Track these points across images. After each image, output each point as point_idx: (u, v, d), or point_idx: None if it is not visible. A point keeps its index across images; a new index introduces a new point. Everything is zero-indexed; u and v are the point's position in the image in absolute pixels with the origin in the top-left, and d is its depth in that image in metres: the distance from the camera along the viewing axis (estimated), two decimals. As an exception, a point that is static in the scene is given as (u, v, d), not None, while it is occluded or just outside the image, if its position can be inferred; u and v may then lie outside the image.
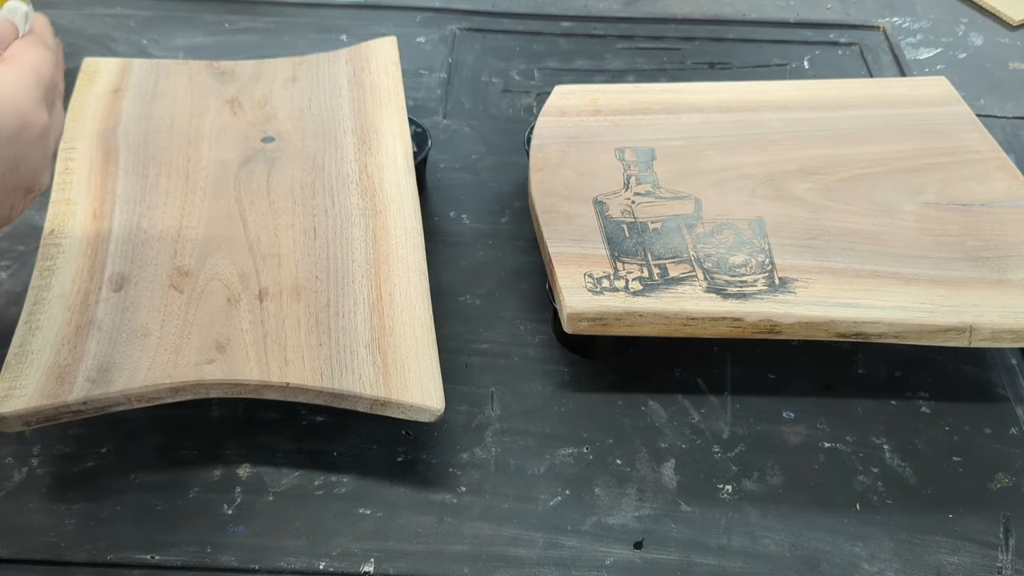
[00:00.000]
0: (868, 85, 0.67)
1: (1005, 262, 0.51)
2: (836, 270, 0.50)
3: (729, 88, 0.64)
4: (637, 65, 0.77)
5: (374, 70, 0.63)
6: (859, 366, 0.54)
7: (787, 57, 0.79)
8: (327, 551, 0.44)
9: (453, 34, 0.79)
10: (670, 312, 0.48)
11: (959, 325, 0.47)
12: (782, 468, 0.49)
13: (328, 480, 0.47)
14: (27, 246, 0.58)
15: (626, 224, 0.53)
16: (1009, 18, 0.84)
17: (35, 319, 0.47)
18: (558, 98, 0.63)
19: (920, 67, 0.79)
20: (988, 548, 0.46)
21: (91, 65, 0.63)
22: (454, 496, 0.47)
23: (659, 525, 0.46)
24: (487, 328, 0.55)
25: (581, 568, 0.44)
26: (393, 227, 0.52)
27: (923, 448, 0.50)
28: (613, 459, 0.49)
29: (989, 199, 0.55)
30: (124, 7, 0.80)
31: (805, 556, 0.45)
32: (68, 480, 0.47)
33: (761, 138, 0.60)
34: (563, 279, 0.49)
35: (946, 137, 0.60)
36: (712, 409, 0.52)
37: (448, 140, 0.68)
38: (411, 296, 0.49)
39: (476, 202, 0.64)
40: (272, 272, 0.50)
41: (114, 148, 0.57)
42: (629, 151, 0.58)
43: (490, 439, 0.50)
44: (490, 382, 0.52)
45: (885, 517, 0.47)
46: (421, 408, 0.44)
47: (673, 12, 0.83)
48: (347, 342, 0.46)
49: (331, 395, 0.44)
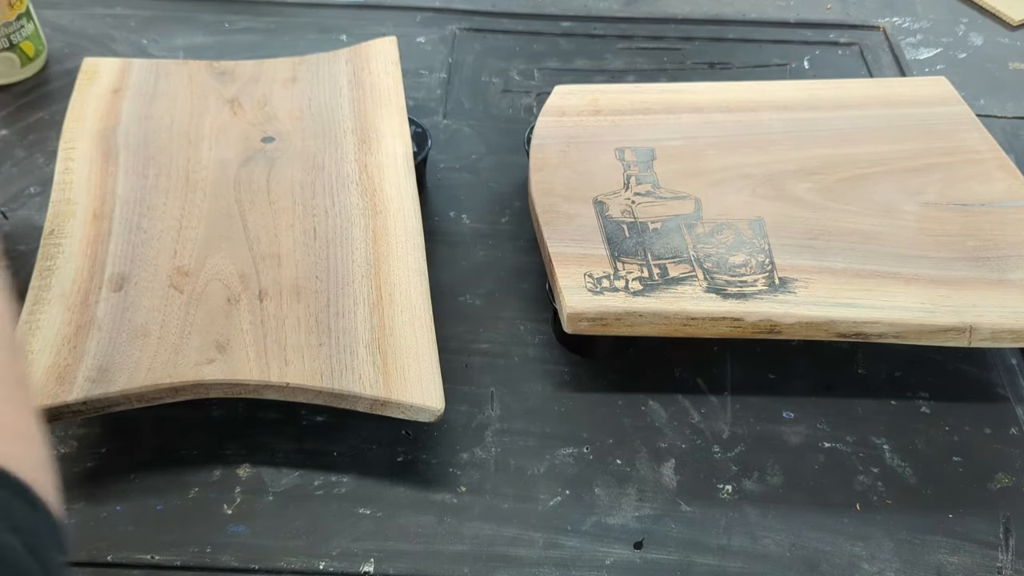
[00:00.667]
0: (868, 85, 0.67)
1: (1005, 262, 0.51)
2: (836, 270, 0.50)
3: (729, 88, 0.64)
4: (637, 65, 0.77)
5: (374, 70, 0.63)
6: (859, 366, 0.54)
7: (787, 57, 0.79)
8: (327, 551, 0.44)
9: (453, 34, 0.79)
10: (670, 312, 0.48)
11: (959, 325, 0.47)
12: (782, 468, 0.49)
13: (328, 480, 0.47)
14: (27, 246, 0.58)
15: (626, 224, 0.53)
16: (1009, 18, 0.84)
17: (35, 319, 0.47)
18: (558, 98, 0.63)
19: (920, 67, 0.79)
20: (988, 548, 0.46)
21: (91, 65, 0.63)
22: (454, 496, 0.47)
23: (659, 525, 0.46)
24: (487, 328, 0.55)
25: (581, 568, 0.44)
26: (393, 227, 0.52)
27: (923, 448, 0.50)
28: (613, 459, 0.49)
29: (989, 199, 0.55)
30: (124, 7, 0.80)
31: (805, 556, 0.45)
32: (68, 480, 0.47)
33: (761, 138, 0.60)
34: (563, 279, 0.49)
35: (946, 137, 0.60)
36: (712, 409, 0.52)
37: (448, 140, 0.68)
38: (411, 296, 0.49)
39: (476, 202, 0.64)
40: (272, 272, 0.50)
41: (114, 148, 0.57)
42: (629, 151, 0.58)
43: (490, 439, 0.50)
44: (490, 382, 0.52)
45: (885, 517, 0.47)
46: (421, 408, 0.44)
47: (673, 12, 0.83)
48: (347, 342, 0.46)
49: (331, 395, 0.44)
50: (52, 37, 0.75)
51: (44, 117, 0.68)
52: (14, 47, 0.69)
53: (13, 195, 0.62)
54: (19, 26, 0.69)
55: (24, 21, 0.69)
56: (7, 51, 0.69)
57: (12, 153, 0.65)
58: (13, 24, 0.68)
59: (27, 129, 0.67)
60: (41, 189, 0.62)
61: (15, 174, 0.63)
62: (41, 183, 0.62)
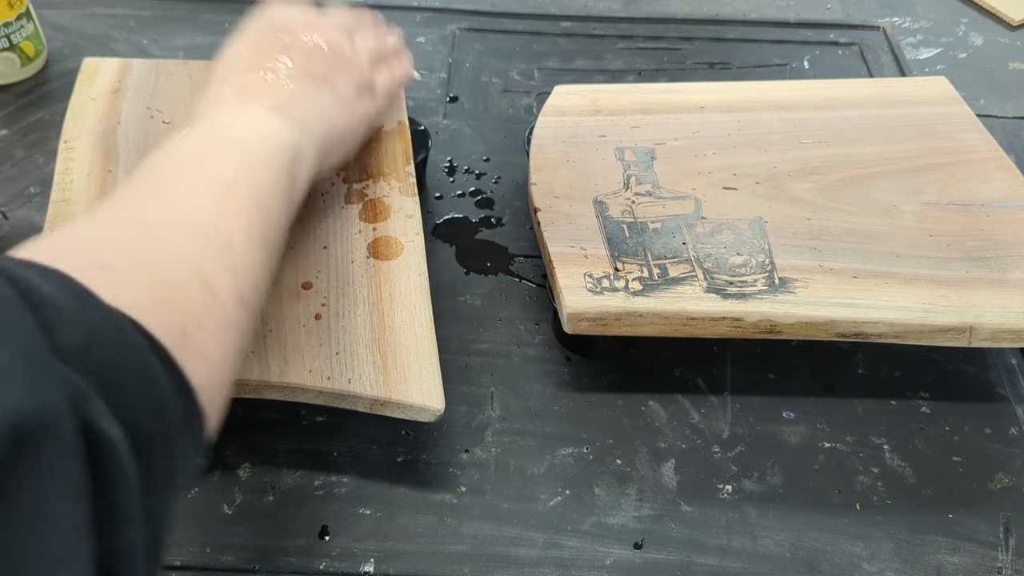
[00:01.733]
0: (868, 85, 0.67)
1: (1005, 262, 0.51)
2: (836, 270, 0.50)
3: (729, 88, 0.64)
4: (637, 65, 0.77)
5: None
6: (859, 366, 0.54)
7: (787, 57, 0.79)
8: (327, 551, 0.44)
9: (453, 34, 0.79)
10: (670, 312, 0.48)
11: (959, 325, 0.47)
12: (782, 468, 0.49)
13: (328, 480, 0.47)
14: (27, 246, 0.58)
15: (626, 224, 0.53)
16: (1009, 18, 0.84)
17: (35, 319, 0.47)
18: (558, 98, 0.63)
19: (920, 67, 0.79)
20: (988, 548, 0.46)
21: (91, 65, 0.63)
22: (454, 496, 0.47)
23: (659, 525, 0.46)
24: (487, 328, 0.55)
25: (581, 568, 0.44)
26: (393, 227, 0.52)
27: (923, 448, 0.50)
28: (613, 459, 0.49)
29: (989, 199, 0.55)
30: (124, 7, 0.80)
31: (805, 556, 0.45)
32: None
33: (761, 138, 0.60)
34: (563, 279, 0.49)
35: (946, 137, 0.60)
36: (712, 409, 0.52)
37: (448, 140, 0.68)
38: (411, 296, 0.49)
39: (476, 202, 0.64)
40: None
41: (114, 148, 0.57)
42: (629, 151, 0.58)
43: (490, 439, 0.50)
44: (490, 382, 0.52)
45: (885, 517, 0.47)
46: (421, 408, 0.44)
47: (673, 12, 0.83)
48: (347, 342, 0.46)
49: (331, 395, 0.44)
50: (52, 37, 0.75)
51: (44, 117, 0.68)
52: (14, 47, 0.69)
53: (13, 195, 0.62)
54: (19, 26, 0.69)
55: (24, 21, 0.69)
56: (7, 51, 0.69)
57: (12, 153, 0.65)
58: (13, 24, 0.68)
59: (27, 129, 0.67)
60: (41, 189, 0.62)
61: (15, 174, 0.63)
62: (41, 183, 0.62)
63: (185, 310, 0.32)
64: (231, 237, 0.36)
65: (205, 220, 0.36)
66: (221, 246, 0.36)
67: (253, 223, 0.38)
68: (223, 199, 0.38)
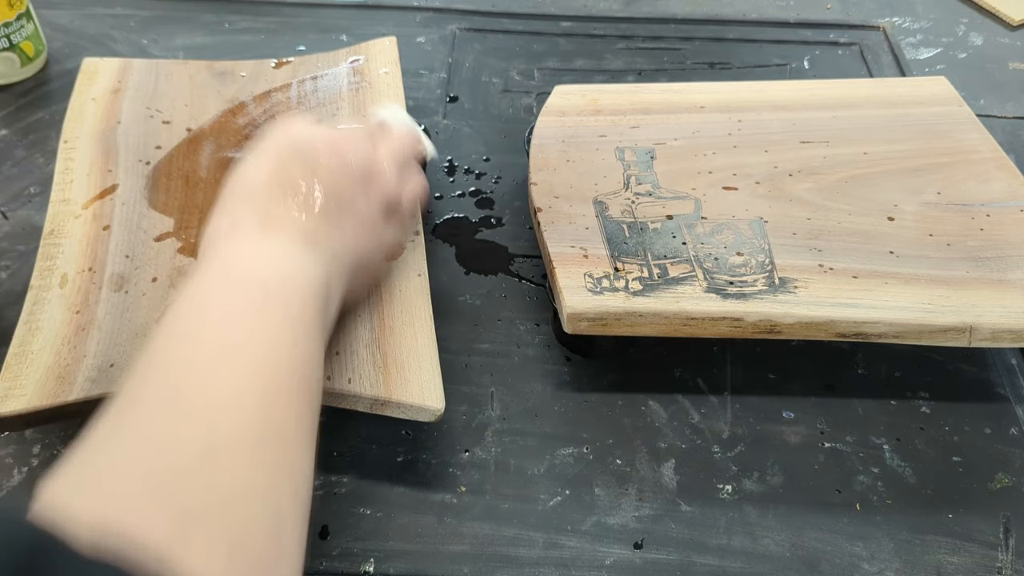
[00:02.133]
0: (868, 85, 0.67)
1: (1005, 262, 0.51)
2: (836, 270, 0.50)
3: (729, 88, 0.64)
4: (637, 65, 0.77)
5: (374, 70, 0.63)
6: (859, 366, 0.54)
7: (787, 57, 0.79)
8: (327, 551, 0.44)
9: (453, 34, 0.79)
10: (670, 312, 0.48)
11: (959, 325, 0.47)
12: (782, 468, 0.49)
13: (328, 480, 0.47)
14: (27, 246, 0.58)
15: (626, 224, 0.53)
16: (1009, 18, 0.84)
17: (35, 319, 0.47)
18: (558, 98, 0.63)
19: (920, 67, 0.79)
20: (988, 548, 0.46)
21: (91, 65, 0.63)
22: (454, 496, 0.47)
23: (659, 525, 0.46)
24: (487, 328, 0.55)
25: (581, 568, 0.44)
26: (393, 227, 0.52)
27: (923, 448, 0.50)
28: (613, 459, 0.49)
29: (989, 199, 0.55)
30: (124, 7, 0.80)
31: (805, 556, 0.45)
32: (68, 480, 0.47)
33: (761, 138, 0.60)
34: (563, 279, 0.49)
35: (946, 137, 0.60)
36: (712, 409, 0.52)
37: (448, 140, 0.68)
38: (411, 296, 0.49)
39: (476, 202, 0.64)
40: (272, 272, 0.50)
41: (114, 148, 0.57)
42: (629, 151, 0.58)
43: (490, 439, 0.50)
44: (490, 382, 0.52)
45: (885, 517, 0.47)
46: (421, 408, 0.44)
47: (673, 12, 0.83)
48: (347, 342, 0.46)
49: (331, 395, 0.44)
50: (52, 37, 0.75)
51: (44, 117, 0.68)
52: (14, 47, 0.69)
53: (13, 195, 0.62)
54: (19, 26, 0.69)
55: (24, 21, 0.69)
56: (7, 51, 0.69)
57: (12, 153, 0.65)
58: (13, 24, 0.68)
59: (27, 129, 0.67)
60: (41, 189, 0.62)
61: (15, 174, 0.63)
62: (41, 183, 0.62)
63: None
64: (285, 441, 0.32)
65: (258, 428, 0.31)
66: (280, 461, 0.31)
67: (303, 413, 0.34)
68: (266, 391, 0.33)
